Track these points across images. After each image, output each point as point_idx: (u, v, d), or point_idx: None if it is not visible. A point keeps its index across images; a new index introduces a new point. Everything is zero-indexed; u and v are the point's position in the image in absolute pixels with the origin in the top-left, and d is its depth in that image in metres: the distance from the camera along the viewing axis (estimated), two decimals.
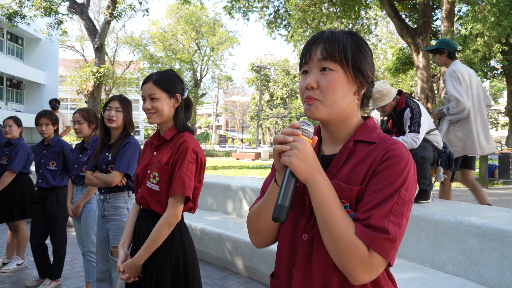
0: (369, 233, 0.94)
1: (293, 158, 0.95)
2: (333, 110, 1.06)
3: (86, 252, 3.41)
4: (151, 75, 2.00)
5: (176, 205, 1.89)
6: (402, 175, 0.98)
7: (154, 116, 1.96)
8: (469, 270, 2.93)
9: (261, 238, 1.18)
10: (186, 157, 1.91)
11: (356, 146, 1.08)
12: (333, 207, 0.97)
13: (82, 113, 3.35)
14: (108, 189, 2.83)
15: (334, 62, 1.05)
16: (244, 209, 5.09)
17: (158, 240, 1.86)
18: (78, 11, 17.64)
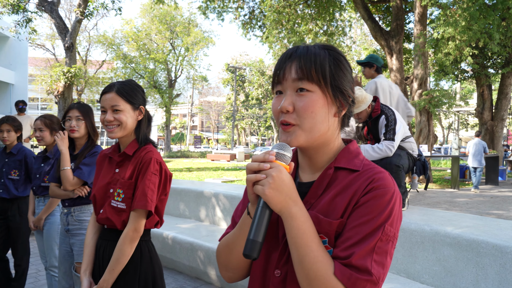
0: (349, 274, 0.84)
1: (267, 188, 0.85)
2: (312, 136, 0.95)
3: (49, 267, 3.23)
4: (113, 85, 1.85)
5: (137, 219, 1.76)
6: (387, 208, 0.89)
7: (117, 129, 1.82)
8: (444, 280, 2.89)
9: (232, 273, 1.07)
10: (149, 168, 1.79)
11: (337, 173, 0.97)
12: (310, 243, 0.87)
13: (44, 120, 3.17)
14: (72, 202, 2.67)
15: (311, 82, 0.94)
16: (217, 216, 4.97)
17: (121, 259, 1.73)
18: (48, 9, 17.14)
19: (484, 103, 17.68)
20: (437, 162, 28.14)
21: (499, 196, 10.82)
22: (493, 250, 2.62)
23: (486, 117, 17.57)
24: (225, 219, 4.88)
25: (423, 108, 13.03)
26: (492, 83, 19.71)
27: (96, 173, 1.97)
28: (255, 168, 0.88)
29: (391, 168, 3.55)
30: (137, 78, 36.35)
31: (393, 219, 0.90)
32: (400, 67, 13.91)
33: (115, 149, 1.93)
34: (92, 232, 1.92)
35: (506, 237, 2.70)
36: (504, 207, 8.94)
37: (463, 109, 31.59)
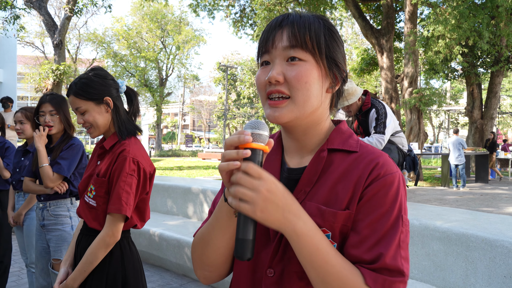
0: (383, 280, 0.75)
1: (257, 209, 0.70)
2: (304, 111, 0.84)
3: (29, 264, 3.12)
4: (71, 86, 1.73)
5: (114, 224, 1.64)
6: (398, 196, 0.81)
7: (92, 130, 1.74)
8: (434, 275, 2.84)
9: (208, 271, 0.92)
10: (124, 169, 1.66)
11: (332, 156, 0.87)
12: (329, 258, 0.75)
13: (25, 113, 3.07)
14: (48, 196, 2.56)
15: (305, 50, 0.83)
16: (205, 212, 4.89)
17: (93, 262, 1.63)
18: (36, 5, 16.93)
19: (474, 102, 17.76)
20: (428, 160, 28.31)
21: (489, 193, 10.86)
22: (483, 244, 2.57)
23: (476, 116, 17.65)
24: None
25: (414, 107, 13.05)
26: (482, 82, 19.81)
27: (88, 165, 1.88)
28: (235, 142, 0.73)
29: None
30: (127, 76, 36.13)
31: (405, 205, 0.83)
32: (391, 65, 13.92)
33: (101, 141, 1.84)
34: (79, 225, 1.84)
35: (495, 230, 2.65)
36: (494, 204, 8.97)
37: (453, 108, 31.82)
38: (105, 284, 1.67)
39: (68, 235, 2.55)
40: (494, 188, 12.25)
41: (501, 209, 8.11)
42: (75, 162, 2.54)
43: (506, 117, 43.64)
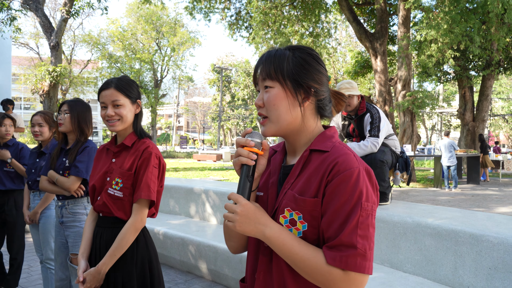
0: (340, 257, 0.96)
1: (237, 224, 1.02)
2: (280, 125, 1.10)
3: (45, 260, 3.30)
4: (110, 81, 1.94)
5: (142, 210, 1.87)
6: (357, 187, 1.00)
7: (118, 123, 1.92)
8: (425, 269, 3.05)
9: (234, 242, 1.23)
10: (150, 162, 1.89)
11: (312, 155, 1.10)
12: (294, 250, 1.00)
13: (44, 116, 3.25)
14: (66, 195, 2.74)
15: (271, 80, 1.09)
16: (207, 211, 5.08)
17: (124, 246, 1.83)
18: (33, 7, 16.98)
19: (465, 105, 18.06)
20: (421, 162, 28.63)
21: (480, 194, 11.11)
22: (470, 238, 2.79)
23: (467, 118, 17.95)
24: (215, 214, 4.99)
25: (407, 109, 13.30)
26: (474, 85, 20.12)
27: (95, 165, 2.06)
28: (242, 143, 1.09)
29: (376, 163, 3.71)
30: None
31: (368, 193, 1.01)
32: (384, 68, 14.15)
33: (112, 142, 2.03)
34: (90, 220, 2.02)
35: (482, 226, 2.87)
36: (485, 204, 9.21)
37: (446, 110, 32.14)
38: (135, 266, 1.87)
39: None
40: (485, 189, 12.51)
41: (491, 209, 8.35)
42: (91, 164, 2.72)
43: (497, 119, 44.16)
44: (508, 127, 46.14)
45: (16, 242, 3.78)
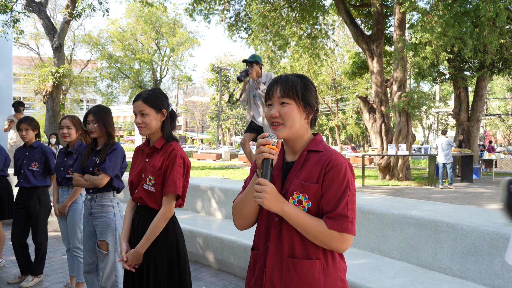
0: (337, 224, 1.39)
1: (264, 200, 1.38)
2: (291, 131, 1.50)
3: (72, 248, 3.70)
4: (140, 94, 2.34)
5: (170, 202, 2.27)
6: (346, 176, 1.43)
7: (144, 129, 2.33)
8: (409, 255, 3.46)
9: (244, 221, 1.59)
10: (176, 162, 2.29)
11: (309, 154, 1.51)
12: (304, 220, 1.41)
13: (72, 120, 3.64)
14: (95, 189, 3.13)
15: (289, 98, 1.50)
16: (213, 207, 5.47)
17: (156, 232, 2.23)
18: (36, 9, 17.31)
19: (460, 105, 18.48)
20: (417, 161, 29.01)
21: (472, 192, 11.52)
22: (447, 227, 3.19)
23: (462, 118, 18.37)
24: (220, 210, 5.39)
25: (402, 110, 13.69)
26: (469, 85, 20.55)
27: (132, 163, 2.47)
28: (263, 142, 1.43)
29: None
30: (122, 78, 36.42)
31: (351, 180, 1.45)
32: (381, 70, 14.54)
33: (145, 144, 2.43)
34: (129, 209, 2.42)
35: (458, 217, 3.28)
36: (476, 202, 9.62)
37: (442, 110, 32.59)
38: (165, 248, 2.27)
39: (111, 221, 3.11)
40: (478, 187, 12.93)
41: (481, 206, 8.76)
42: (118, 164, 3.12)
43: (494, 119, 44.64)
44: (505, 126, 46.64)
45: (40, 234, 4.16)
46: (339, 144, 34.46)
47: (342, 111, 39.00)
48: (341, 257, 1.52)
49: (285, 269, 1.45)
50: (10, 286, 4.09)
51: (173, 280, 2.29)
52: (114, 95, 36.42)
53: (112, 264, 3.06)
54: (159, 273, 2.25)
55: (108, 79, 36.43)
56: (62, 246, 5.48)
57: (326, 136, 51.48)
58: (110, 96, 36.10)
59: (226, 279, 4.24)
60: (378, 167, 14.78)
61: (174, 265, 2.30)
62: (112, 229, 3.08)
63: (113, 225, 3.10)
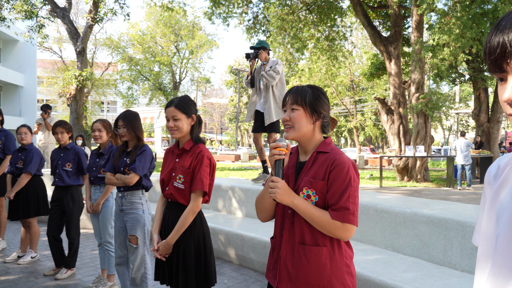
0: (339, 214, 1.60)
1: (277, 195, 1.62)
2: (299, 133, 1.73)
3: (103, 243, 3.98)
4: (172, 100, 2.59)
5: (198, 198, 2.51)
6: (348, 174, 1.63)
7: (176, 132, 2.57)
8: (421, 251, 3.63)
9: (264, 214, 1.84)
10: (203, 162, 2.53)
11: (318, 155, 1.73)
12: (312, 212, 1.62)
13: (103, 123, 3.93)
14: (126, 188, 3.39)
15: (298, 105, 1.73)
16: (233, 206, 5.71)
17: (185, 225, 2.48)
18: (60, 15, 17.79)
19: (480, 106, 18.34)
20: (437, 163, 28.78)
21: None
22: (457, 225, 3.36)
23: (482, 119, 18.23)
24: (241, 208, 5.62)
25: (420, 111, 13.73)
26: (490, 86, 20.37)
27: (163, 163, 2.71)
28: (274, 146, 1.68)
29: None
30: (142, 80, 36.98)
31: (354, 178, 1.65)
32: (399, 71, 14.59)
33: (175, 146, 2.68)
34: (160, 204, 2.68)
35: (467, 215, 3.44)
36: None
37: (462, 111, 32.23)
38: (193, 240, 2.51)
39: (141, 217, 3.36)
40: None
41: None
42: (147, 164, 3.38)
43: None
44: None
45: (73, 230, 4.45)
46: (358, 146, 34.39)
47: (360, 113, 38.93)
48: (347, 245, 1.73)
49: (296, 254, 1.68)
50: (46, 277, 4.39)
51: (199, 269, 2.53)
52: (134, 97, 37.01)
53: (141, 257, 3.31)
54: (187, 262, 2.50)
55: (128, 82, 37.03)
56: (91, 242, 5.79)
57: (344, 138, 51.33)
58: (131, 98, 36.69)
59: (247, 274, 4.47)
60: (396, 168, 14.83)
61: (201, 255, 2.54)
62: (141, 224, 3.34)
63: (142, 221, 3.35)
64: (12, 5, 17.70)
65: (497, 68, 0.73)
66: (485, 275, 0.76)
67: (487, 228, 0.80)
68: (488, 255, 0.77)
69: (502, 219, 0.74)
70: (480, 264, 0.80)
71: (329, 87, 33.64)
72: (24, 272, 4.56)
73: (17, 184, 4.75)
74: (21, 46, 30.78)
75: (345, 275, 1.66)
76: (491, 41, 0.73)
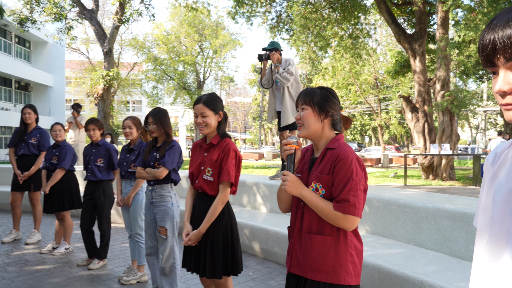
0: (340, 206, 1.72)
1: (287, 187, 1.78)
2: (309, 131, 1.87)
3: (134, 234, 4.16)
4: (201, 98, 2.73)
5: (226, 189, 2.65)
6: (350, 167, 1.75)
7: (205, 128, 2.71)
8: (443, 245, 3.68)
9: (283, 205, 2.02)
10: (230, 155, 2.67)
11: (327, 151, 1.85)
12: (317, 203, 1.76)
13: (133, 120, 4.11)
14: (156, 181, 3.55)
15: (306, 104, 1.88)
16: (258, 201, 5.84)
17: (215, 214, 2.62)
18: (88, 16, 18.26)
19: None
20: (464, 161, 28.28)
21: None
22: None
23: None
24: (265, 204, 5.75)
25: (446, 109, 13.57)
26: None
27: (192, 157, 2.86)
28: (285, 143, 1.85)
29: None
30: (167, 79, 37.45)
31: (357, 171, 1.76)
32: (423, 69, 14.43)
33: (203, 140, 2.82)
34: (190, 195, 2.83)
35: None
36: None
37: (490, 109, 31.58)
38: (221, 229, 2.65)
39: (170, 209, 3.51)
40: None
41: None
42: (176, 159, 3.53)
43: None
44: None
45: (104, 222, 4.66)
46: (382, 144, 34.08)
47: (385, 111, 38.54)
48: (356, 237, 1.85)
49: (304, 242, 1.82)
50: (80, 267, 4.61)
51: (227, 257, 2.67)
52: (159, 97, 37.55)
53: (170, 248, 3.47)
54: (215, 250, 2.64)
55: (153, 81, 37.59)
56: (120, 235, 6.01)
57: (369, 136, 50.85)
58: (156, 97, 37.24)
59: (271, 267, 4.59)
60: (421, 166, 14.69)
61: (228, 244, 2.67)
62: (170, 216, 3.49)
63: (171, 213, 3.51)
64: (43, 8, 18.26)
65: (489, 63, 0.83)
66: (483, 245, 0.86)
67: (486, 204, 0.90)
68: (486, 228, 0.87)
69: (499, 196, 0.84)
70: (479, 236, 0.90)
71: (353, 85, 33.44)
72: (59, 262, 4.79)
73: (52, 179, 5.00)
74: (50, 48, 31.66)
75: (349, 264, 1.78)
76: (484, 38, 0.83)
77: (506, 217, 0.81)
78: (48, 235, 6.05)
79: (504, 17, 0.80)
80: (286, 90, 5.72)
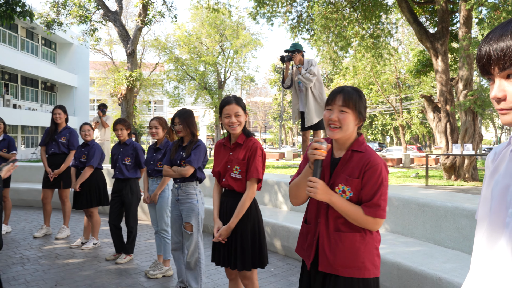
0: (371, 210, 1.80)
1: (317, 195, 1.78)
2: (345, 134, 1.87)
3: (160, 230, 4.33)
4: (230, 98, 2.84)
5: (253, 185, 2.79)
6: (381, 174, 1.82)
7: (238, 127, 2.83)
8: (462, 244, 3.73)
9: (298, 200, 2.03)
10: (257, 153, 2.80)
11: (353, 153, 1.89)
12: (347, 208, 1.81)
13: (159, 120, 4.28)
14: (182, 179, 3.71)
15: (348, 108, 1.85)
16: (279, 200, 5.96)
17: (243, 209, 2.76)
18: (112, 18, 18.63)
19: None
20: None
21: None
22: None
23: None
24: (286, 203, 5.86)
25: (468, 109, 13.42)
26: None
27: (216, 156, 2.99)
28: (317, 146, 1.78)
29: None
30: (188, 80, 37.81)
31: (385, 177, 1.84)
32: (446, 68, 14.30)
33: (227, 140, 2.95)
34: (216, 192, 2.97)
35: None
36: None
37: None
38: (249, 223, 2.80)
39: (195, 206, 3.66)
40: None
41: None
42: (201, 158, 3.68)
43: None
44: None
45: (131, 219, 4.85)
46: (403, 144, 33.76)
47: (407, 110, 38.14)
48: (377, 230, 1.92)
49: (333, 240, 1.87)
50: (108, 262, 4.81)
51: (255, 251, 2.81)
52: (180, 97, 37.97)
53: (195, 243, 3.62)
54: (244, 244, 2.78)
55: (175, 81, 38.01)
56: (146, 232, 6.21)
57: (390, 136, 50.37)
58: (177, 97, 37.67)
59: (292, 264, 4.71)
60: (443, 167, 14.56)
61: (256, 238, 2.81)
62: (195, 213, 3.64)
63: (196, 210, 3.65)
64: (69, 11, 18.72)
65: (485, 72, 0.94)
66: (482, 231, 0.97)
67: (485, 197, 1.01)
68: (485, 218, 0.98)
69: (496, 190, 0.95)
70: (479, 225, 1.01)
71: (374, 84, 33.21)
72: (88, 257, 5.00)
73: (81, 177, 5.22)
74: (75, 49, 32.39)
75: (375, 257, 1.88)
76: (481, 50, 0.93)
77: (502, 209, 0.92)
78: (76, 231, 6.29)
79: (499, 31, 0.90)
80: (309, 91, 5.83)
